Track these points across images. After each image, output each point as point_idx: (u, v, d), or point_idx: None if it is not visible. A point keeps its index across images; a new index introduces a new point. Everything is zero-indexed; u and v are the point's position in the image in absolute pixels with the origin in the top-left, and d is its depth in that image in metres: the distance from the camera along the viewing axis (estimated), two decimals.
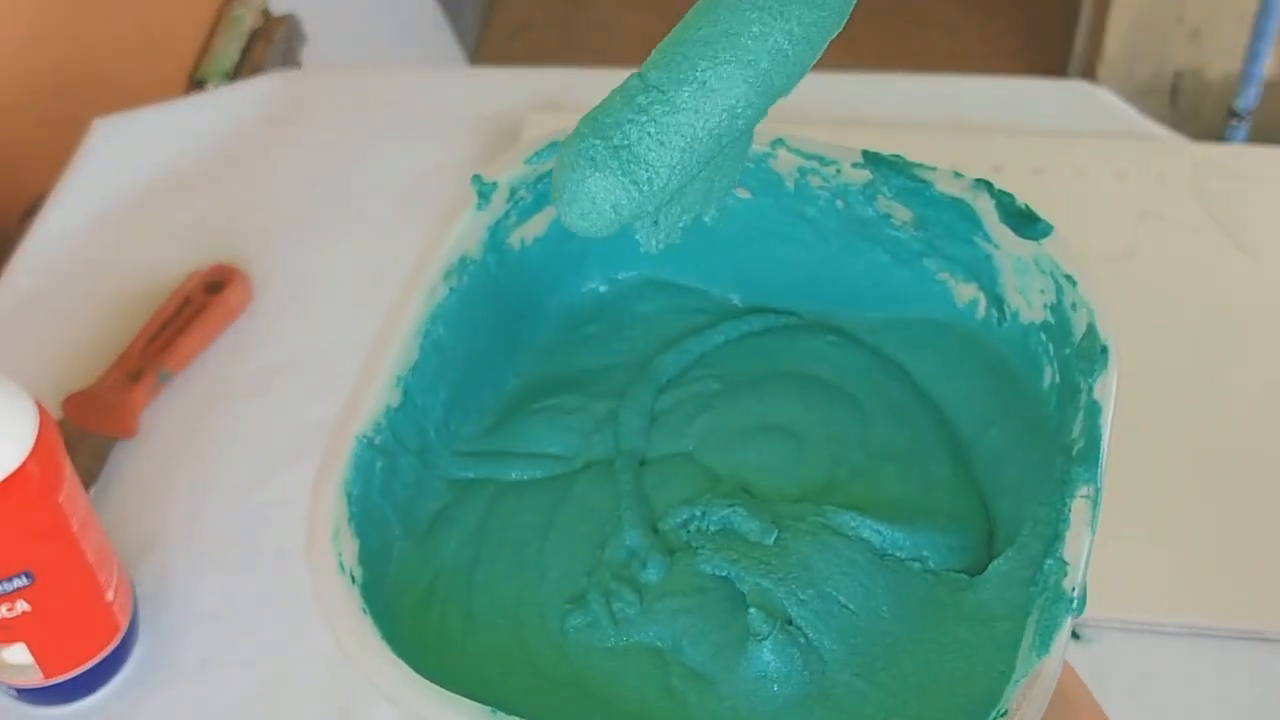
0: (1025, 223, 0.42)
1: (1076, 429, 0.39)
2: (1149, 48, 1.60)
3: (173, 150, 0.79)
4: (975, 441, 0.44)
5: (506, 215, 0.45)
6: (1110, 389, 0.39)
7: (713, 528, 0.42)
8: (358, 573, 0.39)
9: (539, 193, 0.45)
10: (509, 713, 0.35)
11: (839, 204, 0.45)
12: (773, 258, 0.47)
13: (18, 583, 0.49)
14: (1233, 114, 1.26)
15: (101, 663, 0.54)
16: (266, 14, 1.08)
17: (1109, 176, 0.73)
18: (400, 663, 0.37)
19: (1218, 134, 1.37)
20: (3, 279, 0.73)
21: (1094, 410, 0.39)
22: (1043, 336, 0.43)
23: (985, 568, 0.40)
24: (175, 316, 0.67)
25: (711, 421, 0.45)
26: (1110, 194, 0.72)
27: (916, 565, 0.41)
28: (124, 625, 0.55)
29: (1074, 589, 0.36)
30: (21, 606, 0.50)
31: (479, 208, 0.44)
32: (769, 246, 0.46)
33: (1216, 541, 0.57)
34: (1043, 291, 0.42)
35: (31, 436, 0.48)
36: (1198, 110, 1.64)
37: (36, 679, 0.53)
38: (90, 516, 0.52)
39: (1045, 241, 0.42)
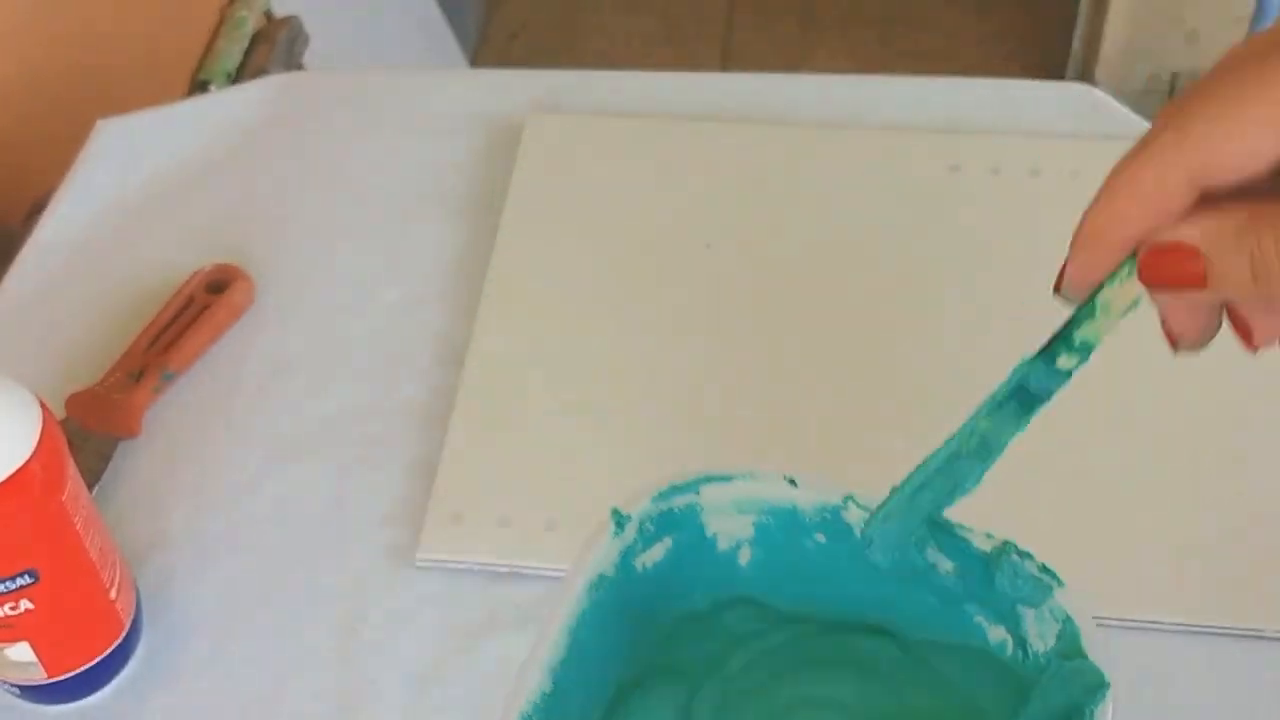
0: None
1: None
2: (1146, 50, 1.60)
3: (176, 151, 0.79)
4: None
5: (635, 543, 0.49)
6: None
7: None
8: None
9: (659, 524, 0.49)
10: None
11: (897, 553, 0.48)
12: (840, 594, 0.50)
13: (21, 581, 0.49)
14: None
15: (104, 661, 0.55)
16: (269, 16, 1.08)
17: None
18: None
19: None
20: (7, 278, 0.73)
21: None
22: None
23: None
24: (178, 316, 0.68)
25: None
26: None
27: None
28: (127, 624, 0.55)
29: None
30: (25, 605, 0.50)
31: (615, 534, 0.48)
32: (838, 583, 0.50)
33: (1215, 540, 0.57)
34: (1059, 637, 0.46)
35: (34, 435, 0.48)
36: None
37: (39, 677, 0.53)
38: (93, 515, 0.53)
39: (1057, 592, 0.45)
